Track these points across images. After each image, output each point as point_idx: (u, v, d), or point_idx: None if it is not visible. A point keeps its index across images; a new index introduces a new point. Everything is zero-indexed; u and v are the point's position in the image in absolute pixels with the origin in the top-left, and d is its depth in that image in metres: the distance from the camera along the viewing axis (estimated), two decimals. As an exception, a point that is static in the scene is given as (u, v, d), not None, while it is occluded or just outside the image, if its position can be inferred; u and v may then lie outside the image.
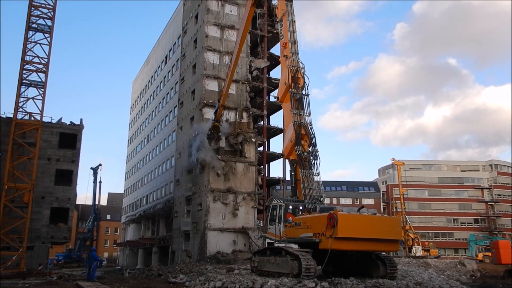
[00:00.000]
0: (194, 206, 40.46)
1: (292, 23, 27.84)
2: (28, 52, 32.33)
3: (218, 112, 35.91)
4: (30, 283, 22.69)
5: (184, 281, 20.38)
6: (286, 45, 27.22)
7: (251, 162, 39.94)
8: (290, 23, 27.77)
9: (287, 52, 26.87)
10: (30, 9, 32.33)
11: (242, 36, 31.35)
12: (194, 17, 47.18)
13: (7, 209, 30.78)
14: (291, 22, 27.88)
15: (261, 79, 44.10)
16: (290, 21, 27.84)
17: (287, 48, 26.97)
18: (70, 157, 36.65)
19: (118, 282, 22.67)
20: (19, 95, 32.05)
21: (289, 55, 26.65)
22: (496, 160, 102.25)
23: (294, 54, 26.68)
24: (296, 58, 26.52)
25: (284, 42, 27.53)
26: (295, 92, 25.36)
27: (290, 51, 26.71)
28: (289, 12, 28.08)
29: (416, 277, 21.46)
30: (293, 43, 27.13)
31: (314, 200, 22.66)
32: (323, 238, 17.96)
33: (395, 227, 19.75)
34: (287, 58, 26.77)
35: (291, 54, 26.62)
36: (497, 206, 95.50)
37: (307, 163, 23.84)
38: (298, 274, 17.51)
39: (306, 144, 24.33)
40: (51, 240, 35.25)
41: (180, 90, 49.86)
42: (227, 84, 34.51)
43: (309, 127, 24.85)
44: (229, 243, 36.97)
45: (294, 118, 24.65)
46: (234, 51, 33.21)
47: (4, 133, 32.57)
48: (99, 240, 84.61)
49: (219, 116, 36.43)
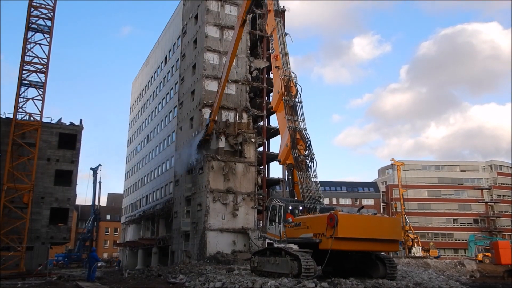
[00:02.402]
0: (193, 207, 40.46)
1: (282, 37, 28.78)
2: (27, 52, 32.25)
3: (209, 126, 37.60)
4: (29, 283, 22.65)
5: (183, 281, 20.36)
6: (277, 57, 28.04)
7: (250, 163, 39.94)
8: (280, 36, 28.69)
9: (279, 63, 27.68)
10: (29, 10, 32.26)
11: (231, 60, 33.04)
12: (193, 18, 47.19)
13: (6, 209, 30.73)
14: (281, 35, 28.81)
15: (260, 79, 44.11)
16: (280, 35, 28.79)
17: (279, 60, 27.79)
18: (70, 157, 36.63)
19: (118, 282, 22.66)
20: (19, 95, 31.99)
21: (281, 66, 27.45)
22: (495, 161, 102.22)
23: (285, 64, 27.53)
24: (287, 69, 27.32)
25: (276, 54, 28.38)
26: (288, 100, 26.00)
27: (281, 62, 27.53)
28: (278, 27, 29.12)
29: (416, 278, 21.46)
30: (284, 55, 28.00)
31: (313, 201, 22.74)
32: (323, 239, 17.97)
33: (395, 227, 19.78)
34: (279, 69, 27.53)
35: (282, 65, 27.44)
36: (496, 207, 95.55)
37: (304, 166, 24.16)
38: (298, 274, 17.50)
39: (302, 148, 24.77)
40: (50, 241, 35.20)
41: (179, 91, 49.86)
42: (217, 101, 36.01)
43: (303, 132, 25.37)
44: (228, 243, 36.95)
45: (288, 124, 25.21)
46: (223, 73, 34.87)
47: (3, 134, 32.53)
48: (99, 240, 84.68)
49: (210, 131, 38.08)
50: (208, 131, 37.99)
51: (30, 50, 32.42)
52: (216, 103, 36.39)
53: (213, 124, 37.74)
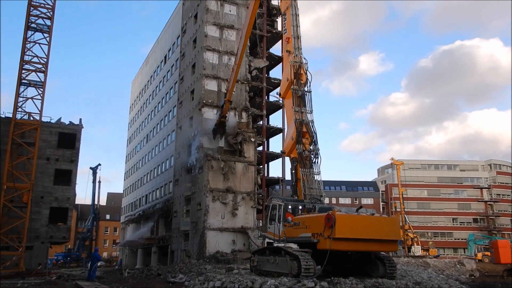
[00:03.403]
0: (193, 206, 40.46)
1: (295, 17, 27.04)
2: (27, 51, 32.20)
3: (225, 107, 35.54)
4: (29, 283, 22.65)
5: (183, 281, 20.38)
6: (289, 40, 26.46)
7: (250, 162, 39.92)
8: (293, 17, 26.99)
9: (290, 47, 26.09)
10: (29, 9, 32.22)
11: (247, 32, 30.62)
12: (193, 17, 47.15)
13: (6, 209, 30.72)
14: (295, 16, 27.08)
15: (260, 78, 44.08)
16: (293, 15, 27.06)
17: (290, 43, 26.18)
18: (69, 157, 36.64)
19: (117, 282, 22.66)
20: (18, 94, 31.95)
21: (292, 50, 25.89)
22: (495, 160, 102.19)
23: (297, 49, 25.93)
24: (299, 54, 25.74)
25: (287, 37, 26.78)
26: (297, 89, 24.89)
27: (293, 46, 25.92)
28: (293, 6, 27.40)
29: (416, 277, 21.44)
30: (296, 38, 26.30)
31: (313, 200, 22.63)
32: (321, 239, 17.96)
33: (393, 227, 19.72)
34: (290, 53, 26.03)
35: (294, 49, 25.86)
36: (496, 206, 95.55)
37: (307, 162, 23.62)
38: (297, 274, 17.49)
39: (307, 142, 24.01)
40: (50, 240, 35.23)
41: (179, 90, 49.83)
42: (233, 78, 33.87)
43: (310, 125, 24.50)
44: (228, 242, 36.95)
45: (295, 116, 24.29)
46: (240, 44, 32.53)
47: (3, 133, 32.55)
48: (99, 240, 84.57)
49: (226, 112, 36.17)
50: (224, 112, 36.05)
51: (30, 50, 32.38)
52: (232, 82, 34.22)
53: (228, 104, 35.78)
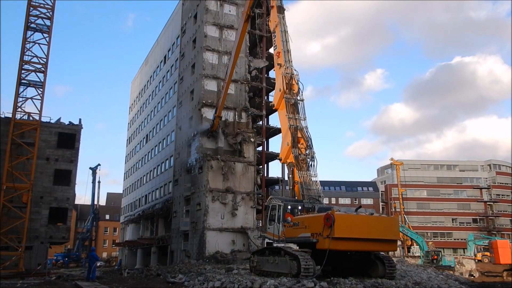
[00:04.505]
0: (193, 206, 40.45)
1: (284, 33, 28.82)
2: (26, 52, 32.24)
3: (215, 122, 37.53)
4: (28, 283, 22.65)
5: (183, 281, 20.39)
6: (279, 55, 28.06)
7: (250, 162, 39.93)
8: (282, 33, 28.74)
9: (281, 60, 27.68)
10: (28, 9, 32.24)
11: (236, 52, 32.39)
12: (193, 17, 47.16)
13: (5, 209, 30.73)
14: (284, 32, 28.84)
15: (260, 79, 44.10)
16: (282, 31, 28.82)
17: (281, 57, 27.79)
18: (69, 157, 36.62)
19: (117, 282, 22.67)
20: (18, 95, 31.95)
21: (283, 63, 27.44)
22: (495, 160, 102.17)
23: (287, 62, 27.55)
24: (290, 66, 27.34)
25: (278, 51, 28.38)
26: (290, 98, 26.06)
27: (284, 60, 27.53)
28: (281, 23, 29.14)
29: (415, 277, 21.49)
30: (286, 52, 28.03)
31: (312, 200, 22.77)
32: (320, 238, 17.99)
33: (392, 227, 19.76)
34: (281, 66, 27.50)
35: (284, 62, 27.45)
36: (495, 206, 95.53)
37: (304, 165, 24.25)
38: (297, 274, 17.50)
39: (302, 147, 24.90)
40: (49, 240, 35.21)
41: (179, 90, 49.83)
42: (223, 95, 35.57)
43: (305, 130, 25.50)
44: (228, 243, 36.94)
45: (290, 122, 25.32)
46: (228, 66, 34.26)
47: (3, 133, 32.54)
48: (98, 240, 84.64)
49: (216, 127, 38.17)
50: (214, 127, 37.96)
51: (29, 50, 32.43)
52: (222, 98, 35.65)
53: (218, 120, 37.45)
